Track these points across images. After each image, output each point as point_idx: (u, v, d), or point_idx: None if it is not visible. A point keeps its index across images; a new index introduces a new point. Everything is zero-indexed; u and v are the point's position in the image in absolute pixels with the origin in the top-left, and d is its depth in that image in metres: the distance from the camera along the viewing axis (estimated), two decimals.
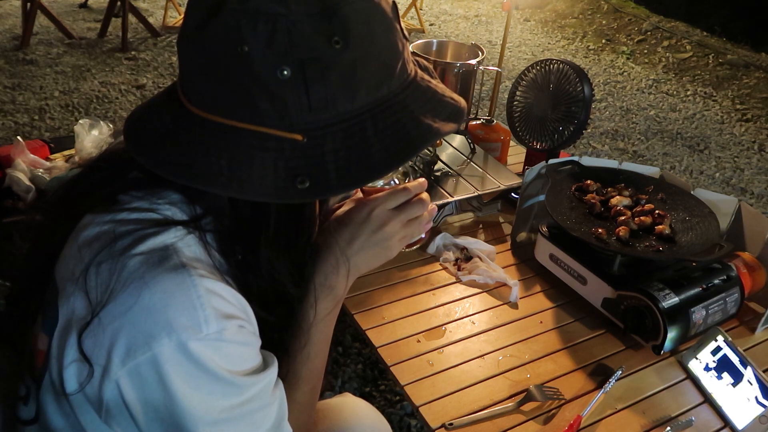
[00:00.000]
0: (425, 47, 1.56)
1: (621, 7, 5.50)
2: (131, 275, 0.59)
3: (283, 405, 0.69)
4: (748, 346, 1.18)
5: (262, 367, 0.66)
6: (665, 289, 1.10)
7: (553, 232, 1.29)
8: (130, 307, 0.57)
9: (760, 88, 4.11)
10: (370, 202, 0.74)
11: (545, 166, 1.40)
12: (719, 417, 1.02)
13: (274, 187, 0.58)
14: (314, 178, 0.58)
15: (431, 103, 0.66)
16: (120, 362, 0.57)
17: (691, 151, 3.31)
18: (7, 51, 3.72)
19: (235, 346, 0.61)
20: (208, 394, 0.60)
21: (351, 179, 0.60)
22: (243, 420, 0.63)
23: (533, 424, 0.98)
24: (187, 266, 0.60)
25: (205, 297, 0.59)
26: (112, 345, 0.57)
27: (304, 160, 0.59)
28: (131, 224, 0.63)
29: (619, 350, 1.15)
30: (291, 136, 0.59)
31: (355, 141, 0.60)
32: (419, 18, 4.92)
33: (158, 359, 0.57)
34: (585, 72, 1.46)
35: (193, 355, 0.58)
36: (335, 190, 0.60)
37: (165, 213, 0.64)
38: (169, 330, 0.57)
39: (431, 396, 1.02)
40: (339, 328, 1.96)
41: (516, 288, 1.26)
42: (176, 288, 0.58)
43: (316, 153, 0.59)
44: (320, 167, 0.59)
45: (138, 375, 0.58)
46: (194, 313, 0.58)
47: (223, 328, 0.59)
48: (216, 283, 0.61)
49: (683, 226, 1.24)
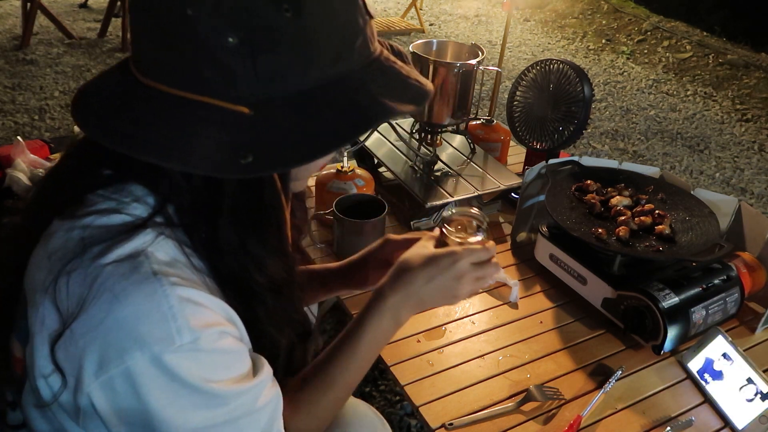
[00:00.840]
0: (425, 47, 1.56)
1: (621, 7, 5.50)
2: (101, 287, 0.57)
3: (275, 409, 0.67)
4: (748, 346, 1.18)
5: (250, 374, 0.64)
6: (665, 289, 1.10)
7: (553, 232, 1.29)
8: (102, 320, 0.56)
9: (760, 88, 4.11)
10: (457, 253, 0.82)
11: (545, 166, 1.40)
12: (719, 417, 1.02)
13: (216, 161, 0.56)
14: (258, 154, 0.56)
15: (394, 83, 0.63)
16: (93, 375, 0.56)
17: (691, 151, 3.31)
18: (7, 51, 3.72)
19: (215, 354, 0.60)
20: (188, 405, 0.58)
21: (296, 155, 0.57)
22: (226, 427, 0.62)
23: (533, 424, 0.98)
24: (158, 274, 0.58)
25: (177, 307, 0.57)
26: (84, 358, 0.56)
27: (249, 134, 0.56)
28: (100, 230, 0.60)
29: (619, 350, 1.15)
30: (237, 109, 0.57)
31: (303, 117, 0.58)
32: (419, 18, 4.92)
33: (131, 372, 0.56)
34: (585, 72, 1.46)
35: (168, 368, 0.56)
36: (279, 167, 0.58)
37: (133, 213, 0.62)
38: (141, 344, 0.55)
39: (431, 396, 1.02)
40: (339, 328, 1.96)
41: (516, 288, 1.26)
42: (147, 300, 0.56)
43: (263, 127, 0.57)
44: (265, 142, 0.56)
45: (111, 388, 0.57)
46: (166, 325, 0.56)
47: (198, 337, 0.57)
48: (190, 290, 0.59)
49: (683, 226, 1.24)
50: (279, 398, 0.69)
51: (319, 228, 1.44)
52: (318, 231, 1.43)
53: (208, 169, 0.56)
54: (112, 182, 0.63)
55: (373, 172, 1.58)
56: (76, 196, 0.64)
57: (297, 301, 0.77)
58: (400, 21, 4.97)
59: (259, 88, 0.57)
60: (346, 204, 1.30)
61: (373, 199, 1.33)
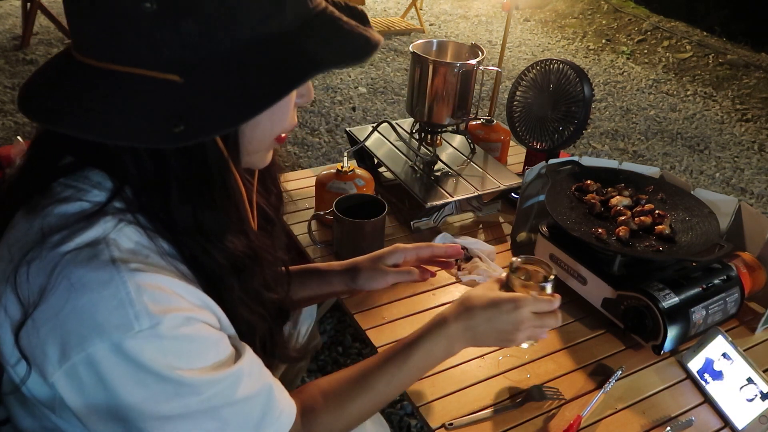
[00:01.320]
0: (425, 47, 1.56)
1: (621, 7, 5.50)
2: (60, 275, 0.57)
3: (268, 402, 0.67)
4: (748, 346, 1.18)
5: (228, 363, 0.63)
6: (665, 289, 1.10)
7: (553, 232, 1.29)
8: (61, 309, 0.56)
9: (760, 88, 4.11)
10: (520, 300, 0.85)
11: (545, 166, 1.40)
12: (719, 417, 1.02)
13: (148, 132, 0.55)
14: (189, 121, 0.55)
15: (334, 38, 0.61)
16: (56, 363, 0.56)
17: (691, 151, 3.31)
18: (7, 51, 3.72)
19: (180, 341, 0.59)
20: (157, 394, 0.58)
21: (226, 119, 0.56)
22: (204, 416, 0.61)
23: (533, 424, 0.98)
24: (117, 261, 0.57)
25: (135, 293, 0.56)
26: (45, 346, 0.57)
27: (180, 102, 0.55)
28: (58, 218, 0.60)
29: (619, 350, 1.15)
30: (167, 77, 0.55)
31: (231, 79, 0.56)
32: (419, 18, 4.92)
33: (93, 359, 0.56)
34: (585, 72, 1.46)
35: (129, 355, 0.56)
36: (211, 132, 0.56)
37: (93, 199, 0.61)
38: (100, 331, 0.55)
39: (431, 396, 1.02)
40: (339, 328, 1.97)
41: None
42: (103, 287, 0.56)
43: (192, 93, 0.55)
44: (196, 109, 0.55)
45: (76, 376, 0.57)
46: (124, 311, 0.56)
47: (158, 322, 0.56)
48: (154, 275, 0.59)
49: (683, 226, 1.24)
50: (271, 390, 0.68)
51: (319, 228, 1.44)
52: (318, 231, 1.43)
53: (142, 140, 0.55)
54: (74, 169, 0.63)
55: (373, 172, 1.58)
56: (39, 185, 0.63)
57: (270, 279, 0.76)
58: (400, 21, 4.97)
59: (186, 54, 0.55)
60: (346, 204, 1.30)
61: (373, 199, 1.33)
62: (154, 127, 0.55)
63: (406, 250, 1.00)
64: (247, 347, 0.68)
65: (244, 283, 0.69)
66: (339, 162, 1.44)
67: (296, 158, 2.87)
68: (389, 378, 0.81)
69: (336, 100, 3.56)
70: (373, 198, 1.33)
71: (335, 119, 3.32)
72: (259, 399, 0.66)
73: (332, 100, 3.56)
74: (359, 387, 0.80)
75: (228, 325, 0.67)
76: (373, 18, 5.04)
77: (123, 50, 0.56)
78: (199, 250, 0.64)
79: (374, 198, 1.33)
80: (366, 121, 3.35)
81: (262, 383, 0.67)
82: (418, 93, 1.53)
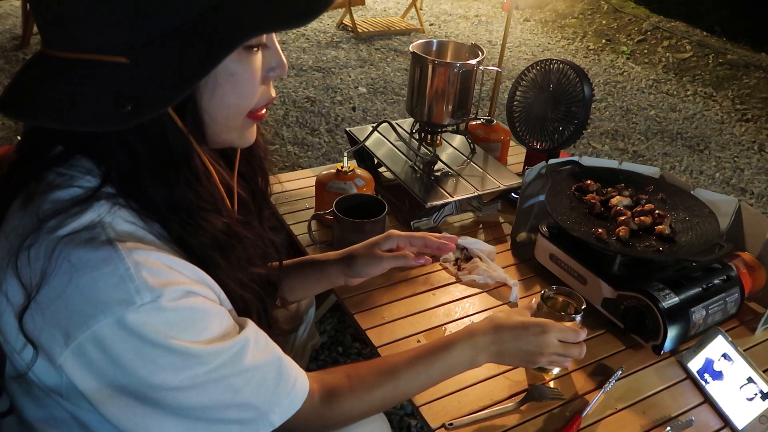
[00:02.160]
0: (425, 47, 1.56)
1: (621, 7, 5.50)
2: (59, 257, 0.58)
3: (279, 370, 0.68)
4: (748, 346, 1.18)
5: (232, 334, 0.64)
6: (665, 289, 1.10)
7: (553, 232, 1.29)
8: (63, 290, 0.57)
9: (760, 88, 4.11)
10: (548, 326, 0.90)
11: (545, 166, 1.40)
12: (719, 417, 1.02)
13: (100, 115, 0.56)
14: (135, 101, 0.56)
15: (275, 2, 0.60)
16: (63, 344, 0.57)
17: (691, 151, 3.31)
18: (7, 51, 3.72)
19: (182, 312, 0.60)
20: (165, 365, 0.59)
21: (162, 97, 0.56)
22: (216, 385, 0.62)
23: (533, 424, 0.98)
24: (113, 241, 0.59)
25: (134, 268, 0.58)
26: (51, 328, 0.57)
27: (127, 83, 0.56)
28: (54, 204, 0.61)
29: (619, 350, 1.15)
30: (114, 59, 0.56)
31: (171, 54, 0.57)
32: (419, 18, 4.92)
33: (99, 336, 0.57)
34: (585, 72, 1.46)
35: (134, 329, 0.57)
36: (156, 109, 0.56)
37: (86, 185, 0.62)
38: (103, 308, 0.56)
39: (431, 396, 1.02)
40: (339, 328, 1.97)
41: (516, 288, 1.26)
42: (103, 265, 0.57)
43: (137, 73, 0.56)
44: (140, 88, 0.56)
45: (84, 355, 0.58)
46: (125, 286, 0.57)
47: (159, 295, 0.58)
48: (150, 252, 0.60)
49: (683, 226, 1.24)
50: (281, 360, 0.69)
51: (319, 228, 1.44)
52: (318, 231, 1.43)
53: (95, 124, 0.56)
54: (65, 158, 0.64)
55: (373, 172, 1.58)
56: (33, 175, 0.64)
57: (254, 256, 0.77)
58: (400, 21, 4.97)
59: (128, 34, 0.56)
60: (346, 204, 1.30)
61: (373, 199, 1.33)
62: (105, 110, 0.56)
63: (400, 237, 1.02)
64: (249, 321, 0.69)
65: (228, 259, 0.69)
66: (339, 162, 1.44)
67: (296, 158, 2.87)
68: (415, 375, 0.85)
69: (336, 100, 3.56)
70: (373, 198, 1.33)
71: (335, 119, 3.32)
72: (270, 368, 0.67)
73: (332, 100, 3.56)
74: (386, 377, 0.83)
75: (226, 300, 0.69)
76: (373, 18, 5.04)
77: (72, 38, 0.57)
78: (180, 230, 0.65)
79: (374, 198, 1.33)
80: (366, 121, 3.35)
81: (270, 353, 0.68)
82: (418, 93, 1.53)
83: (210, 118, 0.65)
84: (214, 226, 0.67)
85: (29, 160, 0.65)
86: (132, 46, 0.56)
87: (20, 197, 0.64)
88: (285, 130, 3.15)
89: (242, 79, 0.64)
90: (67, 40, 0.58)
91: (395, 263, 1.01)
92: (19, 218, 0.63)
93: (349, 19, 4.68)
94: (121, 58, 0.56)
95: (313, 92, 3.63)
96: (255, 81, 0.66)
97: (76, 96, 0.56)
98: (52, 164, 0.64)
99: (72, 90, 0.57)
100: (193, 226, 0.65)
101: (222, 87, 0.63)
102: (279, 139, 3.05)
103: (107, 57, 0.56)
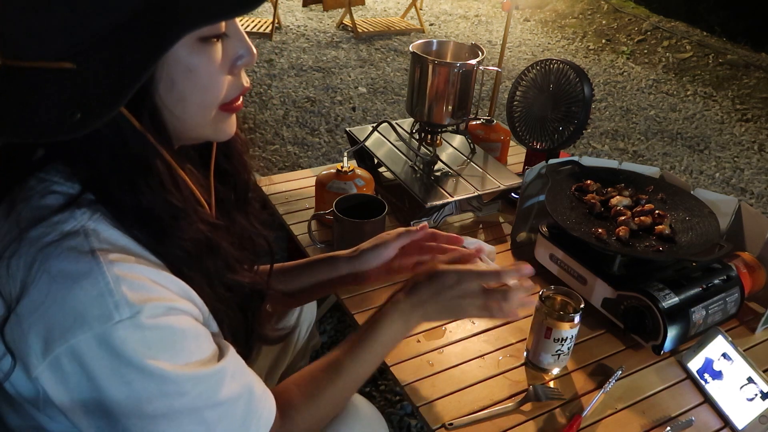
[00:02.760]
0: (425, 47, 1.56)
1: (621, 7, 5.50)
2: (40, 268, 0.57)
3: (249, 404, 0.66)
4: (748, 346, 1.18)
5: (212, 361, 0.63)
6: (665, 289, 1.10)
7: (553, 232, 1.29)
8: (42, 301, 0.56)
9: (760, 88, 4.11)
10: (462, 272, 0.85)
11: (545, 166, 1.40)
12: (719, 417, 1.02)
13: (50, 125, 0.54)
14: (84, 107, 0.54)
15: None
16: (40, 356, 0.56)
17: (691, 151, 3.31)
18: None
19: (162, 331, 0.58)
20: (138, 390, 0.57)
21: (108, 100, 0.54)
22: (188, 417, 0.60)
23: (533, 424, 0.98)
24: (96, 252, 0.57)
25: (114, 283, 0.56)
26: (29, 339, 0.56)
27: (74, 90, 0.54)
28: (34, 211, 0.59)
29: (619, 350, 1.15)
30: (61, 65, 0.55)
31: (114, 56, 0.55)
32: (419, 18, 4.92)
33: (76, 351, 0.55)
34: (585, 72, 1.46)
35: (111, 345, 0.56)
36: (100, 115, 0.54)
37: (68, 192, 0.60)
38: (82, 322, 0.55)
39: (431, 396, 1.02)
40: (339, 328, 1.96)
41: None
42: (83, 278, 0.56)
43: (83, 78, 0.55)
44: (86, 93, 0.54)
45: (59, 368, 0.56)
46: (103, 301, 0.55)
47: (138, 311, 0.56)
48: (134, 266, 0.58)
49: (683, 226, 1.24)
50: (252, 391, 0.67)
51: (319, 228, 1.44)
52: (318, 231, 1.43)
53: (46, 134, 0.55)
54: (46, 162, 0.62)
55: (373, 172, 1.58)
56: (15, 180, 0.63)
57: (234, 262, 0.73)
58: (400, 21, 4.97)
59: (70, 38, 0.55)
60: (346, 204, 1.30)
61: (373, 199, 1.33)
62: (55, 119, 0.54)
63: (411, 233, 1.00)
64: (230, 346, 0.67)
65: (203, 269, 0.67)
66: (339, 162, 1.44)
67: (296, 158, 2.87)
68: (358, 362, 0.82)
69: (336, 100, 3.56)
70: (373, 198, 1.33)
71: (335, 119, 3.32)
72: (240, 402, 0.65)
73: (332, 100, 3.56)
74: (332, 373, 0.81)
75: (209, 317, 0.67)
76: (373, 18, 5.04)
77: (19, 46, 0.56)
78: (150, 240, 0.63)
79: (374, 198, 1.33)
80: (366, 121, 3.35)
81: (243, 384, 0.66)
82: (418, 93, 1.53)
83: (173, 117, 0.63)
84: (187, 235, 0.64)
85: (11, 164, 0.64)
86: (76, 51, 0.55)
87: (2, 204, 0.62)
88: (285, 130, 3.15)
89: (202, 72, 0.61)
90: (9, 49, 0.56)
91: (402, 241, 0.99)
92: (1, 226, 0.61)
93: (349, 19, 4.68)
94: (67, 64, 0.55)
95: (313, 92, 3.63)
96: (216, 73, 0.63)
97: (24, 106, 0.55)
98: (35, 169, 0.62)
99: (20, 100, 0.55)
100: (164, 235, 0.63)
101: (181, 83, 0.60)
102: (279, 139, 3.05)
103: (53, 64, 0.55)
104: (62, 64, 0.55)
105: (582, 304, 1.02)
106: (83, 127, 0.54)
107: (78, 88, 0.54)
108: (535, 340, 1.05)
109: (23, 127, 0.55)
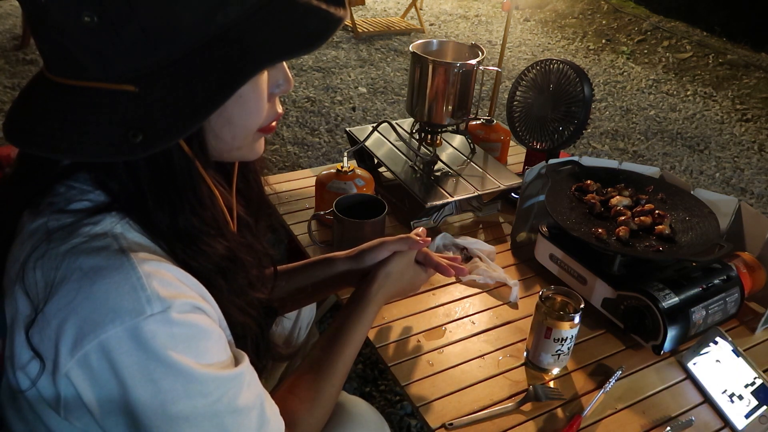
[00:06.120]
0: (425, 47, 1.56)
1: (621, 7, 5.50)
2: (70, 267, 0.57)
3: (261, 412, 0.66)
4: (748, 346, 1.18)
5: (231, 364, 0.64)
6: (665, 289, 1.10)
7: (553, 232, 1.29)
8: (73, 298, 0.56)
9: (760, 88, 4.11)
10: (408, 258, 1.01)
11: (545, 166, 1.40)
12: (719, 417, 1.02)
13: (110, 145, 0.55)
14: (146, 130, 0.55)
15: (286, 24, 0.58)
16: (69, 353, 0.56)
17: (691, 151, 3.31)
18: (7, 51, 3.72)
19: (189, 327, 0.59)
20: (164, 389, 0.58)
21: (177, 127, 0.55)
22: (210, 422, 0.61)
23: (533, 424, 0.98)
24: (126, 251, 0.58)
25: (145, 278, 0.57)
26: (59, 337, 0.56)
27: (136, 112, 0.55)
28: (63, 216, 0.60)
29: (619, 350, 1.15)
30: (122, 88, 0.55)
31: (180, 84, 0.56)
32: (419, 18, 4.92)
33: (106, 346, 0.56)
34: (585, 72, 1.46)
35: (141, 340, 0.56)
36: (165, 140, 0.55)
37: (97, 200, 0.62)
38: (113, 316, 0.56)
39: (431, 396, 1.02)
40: None
41: (516, 288, 1.26)
42: (116, 273, 0.57)
43: (147, 102, 0.55)
44: (150, 117, 0.55)
45: (88, 365, 0.57)
46: (136, 295, 0.56)
47: (169, 305, 0.57)
48: (161, 264, 0.59)
49: (683, 226, 1.24)
50: (264, 401, 0.68)
51: (319, 228, 1.44)
52: (318, 231, 1.43)
53: (105, 155, 0.55)
54: (75, 170, 0.63)
55: (373, 172, 1.58)
56: (42, 187, 0.64)
57: (255, 279, 0.76)
58: (400, 21, 4.97)
59: (135, 63, 0.55)
60: (346, 204, 1.30)
61: (373, 199, 1.33)
62: (115, 140, 0.55)
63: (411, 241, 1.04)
64: (245, 355, 0.68)
65: (229, 284, 0.69)
66: (339, 162, 1.44)
67: (296, 158, 2.87)
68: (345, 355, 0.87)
69: (336, 100, 3.56)
70: (373, 198, 1.33)
71: (335, 119, 3.32)
72: (255, 411, 0.66)
73: (332, 100, 3.56)
74: (324, 372, 0.84)
75: (225, 326, 0.68)
76: (373, 18, 5.04)
77: (77, 66, 0.56)
78: (183, 254, 0.64)
79: (374, 198, 1.33)
80: (366, 121, 3.34)
81: (257, 394, 0.67)
82: (418, 93, 1.53)
83: (217, 139, 0.64)
84: (217, 251, 0.66)
85: (38, 171, 0.64)
86: (140, 75, 0.55)
87: (30, 208, 0.63)
88: (285, 130, 3.15)
89: (250, 99, 0.63)
90: (71, 69, 0.56)
91: (399, 246, 1.01)
92: (30, 230, 0.62)
93: (349, 19, 4.68)
94: (128, 87, 0.55)
95: (313, 92, 3.63)
96: (262, 100, 0.65)
97: (84, 126, 0.55)
98: (63, 176, 0.63)
99: (79, 120, 0.56)
100: (196, 251, 0.65)
101: (230, 108, 0.62)
102: (279, 139, 3.05)
103: (114, 85, 0.56)
104: (124, 86, 0.55)
105: (582, 304, 1.02)
106: (143, 150, 0.55)
107: (140, 111, 0.55)
108: (535, 340, 1.05)
109: (80, 147, 0.55)
